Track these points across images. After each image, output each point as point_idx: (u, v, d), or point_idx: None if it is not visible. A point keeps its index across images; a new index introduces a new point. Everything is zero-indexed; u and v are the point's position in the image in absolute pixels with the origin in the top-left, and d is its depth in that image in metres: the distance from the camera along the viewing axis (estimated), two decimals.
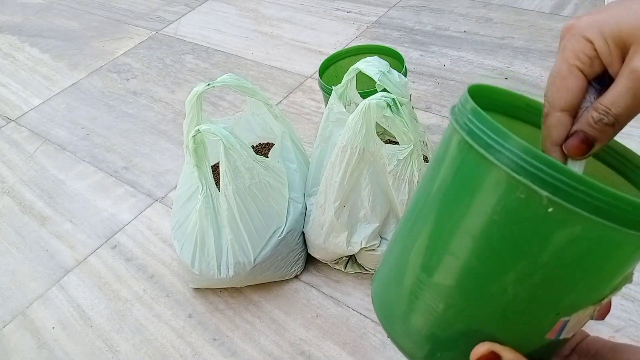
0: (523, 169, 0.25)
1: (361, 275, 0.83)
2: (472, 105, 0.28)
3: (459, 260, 0.29)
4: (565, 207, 0.25)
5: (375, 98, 0.68)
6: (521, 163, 0.25)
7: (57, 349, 0.82)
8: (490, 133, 0.27)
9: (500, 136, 0.26)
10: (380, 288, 0.35)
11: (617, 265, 0.27)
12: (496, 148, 0.26)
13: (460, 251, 0.29)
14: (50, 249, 0.98)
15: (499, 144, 0.26)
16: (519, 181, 0.25)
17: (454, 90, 1.16)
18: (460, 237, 0.29)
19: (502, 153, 0.26)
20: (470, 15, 1.39)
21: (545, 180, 0.25)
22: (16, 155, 1.23)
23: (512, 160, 0.25)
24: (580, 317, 0.29)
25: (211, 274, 0.79)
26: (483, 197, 0.27)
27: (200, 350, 0.77)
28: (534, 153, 0.25)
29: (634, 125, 0.98)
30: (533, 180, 0.25)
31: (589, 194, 0.24)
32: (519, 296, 0.28)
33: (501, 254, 0.27)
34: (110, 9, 1.81)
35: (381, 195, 0.76)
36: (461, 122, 0.29)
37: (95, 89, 1.41)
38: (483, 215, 0.27)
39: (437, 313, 0.30)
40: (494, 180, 0.26)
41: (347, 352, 0.74)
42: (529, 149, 0.25)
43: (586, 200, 0.24)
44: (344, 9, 1.53)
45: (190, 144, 0.74)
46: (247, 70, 1.36)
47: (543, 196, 0.25)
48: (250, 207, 0.76)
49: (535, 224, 0.26)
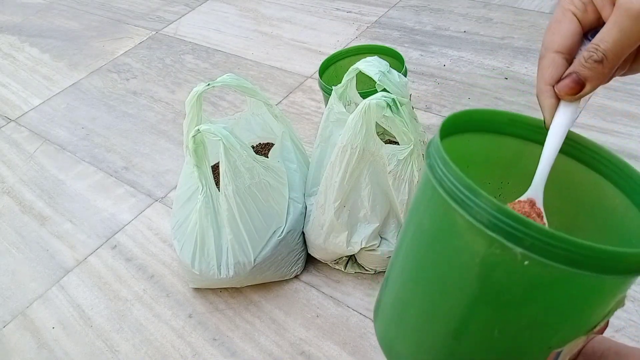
0: (496, 227, 0.25)
1: (361, 275, 0.83)
2: (443, 157, 0.28)
3: (447, 308, 0.30)
4: (540, 261, 0.25)
5: (375, 98, 0.68)
6: (493, 221, 0.26)
7: (57, 349, 0.82)
8: (462, 189, 0.27)
9: (471, 193, 0.26)
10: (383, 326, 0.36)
11: (599, 304, 0.28)
12: (469, 205, 0.26)
13: (444, 299, 0.30)
14: (50, 249, 0.98)
15: (471, 200, 0.26)
16: (493, 238, 0.26)
17: (454, 90, 1.16)
18: (441, 285, 0.30)
19: (474, 210, 0.26)
20: (470, 15, 1.39)
21: (518, 237, 0.25)
22: (16, 155, 1.23)
23: (485, 218, 0.26)
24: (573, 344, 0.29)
25: (211, 274, 0.79)
26: (461, 251, 0.28)
27: (200, 350, 0.78)
28: (505, 211, 0.25)
29: (633, 125, 0.98)
30: (506, 237, 0.25)
31: (561, 247, 0.25)
32: (508, 337, 0.29)
33: (486, 303, 0.28)
34: (110, 9, 1.81)
35: (381, 195, 0.76)
36: (436, 174, 0.29)
37: (95, 89, 1.41)
38: (464, 268, 0.28)
39: (438, 353, 0.32)
40: (470, 236, 0.27)
41: (347, 352, 0.74)
42: (501, 208, 0.25)
43: (559, 253, 0.25)
44: (344, 9, 1.53)
45: (190, 144, 0.74)
46: (247, 70, 1.36)
47: (517, 252, 0.25)
48: (250, 207, 0.76)
49: (513, 276, 0.27)
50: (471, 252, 0.27)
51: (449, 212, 0.27)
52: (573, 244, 0.25)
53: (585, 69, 0.31)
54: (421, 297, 0.32)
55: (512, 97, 1.10)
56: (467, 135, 0.36)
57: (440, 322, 0.31)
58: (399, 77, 0.75)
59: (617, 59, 0.31)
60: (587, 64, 0.31)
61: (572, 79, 0.32)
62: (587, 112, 1.03)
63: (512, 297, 0.27)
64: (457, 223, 0.27)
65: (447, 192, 0.28)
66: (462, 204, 0.27)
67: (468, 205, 0.26)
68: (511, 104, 1.09)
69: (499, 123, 0.37)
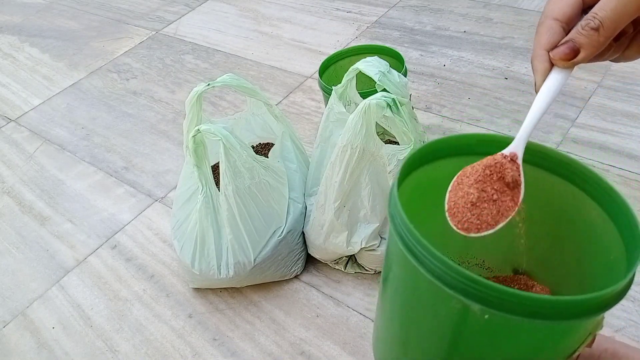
0: (453, 285, 0.27)
1: (361, 275, 0.83)
2: (403, 218, 0.30)
3: (420, 348, 0.33)
4: (499, 314, 0.27)
5: (375, 98, 0.68)
6: (450, 280, 0.27)
7: (57, 349, 0.82)
8: (419, 248, 0.29)
9: (428, 253, 0.28)
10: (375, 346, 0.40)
11: (567, 341, 0.30)
12: (427, 263, 0.28)
13: (419, 339, 0.32)
14: (50, 249, 0.98)
15: (428, 259, 0.28)
16: (452, 295, 0.27)
17: (454, 90, 1.16)
18: (417, 331, 0.32)
19: (432, 268, 0.28)
20: (470, 15, 1.39)
21: (475, 294, 0.27)
22: (16, 155, 1.23)
23: (442, 277, 0.28)
24: None
25: (211, 274, 0.79)
26: (426, 302, 0.30)
27: (200, 350, 0.78)
28: (460, 271, 0.27)
29: (633, 125, 0.98)
30: (464, 294, 0.27)
31: (515, 302, 0.26)
32: None
33: (457, 350, 0.30)
34: (110, 9, 1.81)
35: (381, 195, 0.76)
36: (397, 227, 0.31)
37: (95, 89, 1.41)
38: (430, 316, 0.30)
39: None
40: (431, 291, 0.29)
41: (347, 352, 0.74)
42: (456, 268, 0.27)
43: (515, 307, 0.26)
44: (344, 9, 1.53)
45: (190, 144, 0.74)
46: (247, 70, 1.36)
47: (476, 308, 0.27)
48: (250, 207, 0.76)
49: (476, 328, 0.28)
50: (434, 305, 0.29)
51: (410, 267, 0.29)
52: (525, 298, 0.26)
53: (581, 36, 0.32)
54: (399, 333, 0.35)
55: (512, 97, 1.10)
56: (439, 162, 0.38)
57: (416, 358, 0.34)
58: (399, 77, 0.75)
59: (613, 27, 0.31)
60: (584, 31, 0.32)
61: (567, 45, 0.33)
62: (587, 112, 1.03)
63: (479, 345, 0.29)
64: (419, 278, 0.29)
65: (407, 248, 0.29)
66: (421, 261, 0.28)
67: (426, 263, 0.28)
68: (511, 104, 1.09)
69: (467, 145, 0.38)
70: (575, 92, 1.08)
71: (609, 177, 0.90)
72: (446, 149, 0.38)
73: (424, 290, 0.30)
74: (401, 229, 0.30)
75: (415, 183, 0.38)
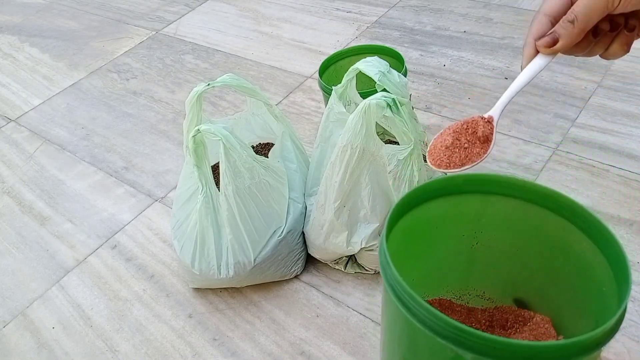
0: (445, 335, 0.29)
1: (361, 275, 0.83)
2: (392, 271, 0.32)
3: None
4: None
5: (375, 98, 0.68)
6: (441, 330, 0.29)
7: (57, 349, 0.82)
8: (408, 298, 0.30)
9: (417, 304, 0.30)
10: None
11: None
12: (419, 315, 0.30)
13: None
14: (50, 249, 0.98)
15: (419, 311, 0.30)
16: (444, 344, 0.29)
17: (454, 90, 1.16)
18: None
19: (424, 320, 0.29)
20: (470, 15, 1.39)
21: (466, 344, 0.28)
22: (16, 155, 1.23)
23: (434, 327, 0.29)
24: None
25: (211, 274, 0.79)
26: (421, 348, 0.32)
27: (200, 350, 0.78)
28: (449, 322, 0.28)
29: (633, 125, 0.98)
30: (455, 344, 0.28)
31: (505, 350, 0.27)
32: None
33: None
34: (110, 9, 1.81)
35: (381, 195, 0.76)
36: (390, 281, 0.33)
37: (95, 89, 1.41)
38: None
39: None
40: (424, 339, 0.30)
41: (347, 352, 0.74)
42: (448, 321, 0.28)
43: (505, 355, 0.27)
44: (344, 9, 1.53)
45: (190, 144, 0.74)
46: (247, 70, 1.36)
47: (469, 357, 0.28)
48: (250, 207, 0.76)
49: None
50: (432, 353, 0.31)
51: (404, 317, 0.31)
52: (515, 345, 0.27)
53: (560, 28, 0.40)
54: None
55: None
56: (429, 203, 0.43)
57: None
58: (399, 77, 0.75)
59: (586, 21, 0.38)
60: (563, 23, 0.39)
61: (550, 36, 0.41)
62: (587, 112, 1.03)
63: None
64: (413, 327, 0.30)
65: (399, 300, 0.31)
66: (413, 312, 0.30)
67: (417, 314, 0.30)
68: (511, 104, 1.09)
69: (455, 185, 0.43)
70: (575, 92, 1.08)
71: (609, 177, 0.90)
72: (434, 191, 0.42)
73: (420, 338, 0.31)
74: (392, 281, 0.31)
75: (406, 226, 0.41)
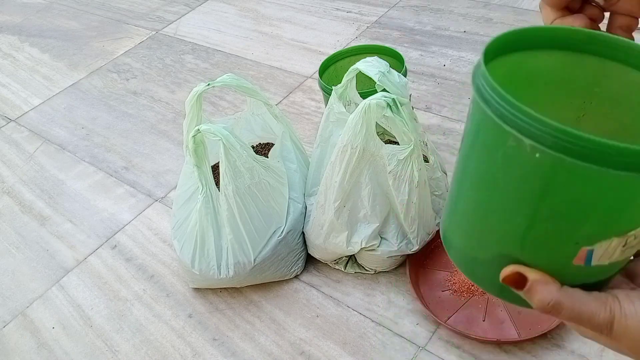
0: (510, 120, 0.28)
1: (361, 275, 0.83)
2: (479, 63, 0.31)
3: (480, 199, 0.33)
4: (549, 154, 0.26)
5: (375, 98, 0.68)
6: (508, 115, 0.28)
7: (57, 349, 0.82)
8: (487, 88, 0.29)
9: (494, 92, 0.29)
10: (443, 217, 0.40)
11: (619, 204, 0.28)
12: (491, 102, 0.29)
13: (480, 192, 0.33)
14: (50, 249, 0.98)
15: (493, 99, 0.29)
16: (509, 132, 0.27)
17: (454, 90, 1.16)
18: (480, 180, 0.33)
19: (495, 106, 0.28)
20: (470, 15, 1.39)
21: (527, 129, 0.27)
22: (16, 155, 1.23)
23: (503, 113, 0.28)
24: (608, 246, 0.29)
25: (211, 274, 0.79)
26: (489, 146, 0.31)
27: (200, 350, 0.78)
28: (516, 106, 0.27)
29: None
30: (519, 129, 0.27)
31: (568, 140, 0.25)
32: (532, 228, 0.30)
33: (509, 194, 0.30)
34: (110, 9, 1.81)
35: (381, 195, 0.76)
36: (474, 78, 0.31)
37: (95, 89, 1.41)
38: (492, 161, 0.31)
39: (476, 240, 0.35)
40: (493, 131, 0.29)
41: (347, 352, 0.74)
42: (513, 103, 0.27)
43: (567, 147, 0.26)
44: (344, 9, 1.53)
45: (190, 144, 0.74)
46: (247, 70, 1.36)
47: (527, 144, 0.27)
48: (250, 207, 0.76)
49: (528, 168, 0.28)
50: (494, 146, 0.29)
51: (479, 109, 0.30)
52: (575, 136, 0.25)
53: None
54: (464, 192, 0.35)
55: None
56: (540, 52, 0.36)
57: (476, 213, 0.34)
58: (398, 77, 0.75)
59: None
60: None
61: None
62: None
63: (532, 189, 0.29)
64: (483, 119, 0.29)
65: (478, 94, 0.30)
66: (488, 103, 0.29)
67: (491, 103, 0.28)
68: None
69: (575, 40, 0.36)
70: None
71: None
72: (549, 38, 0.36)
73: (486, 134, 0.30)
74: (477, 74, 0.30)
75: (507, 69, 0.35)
